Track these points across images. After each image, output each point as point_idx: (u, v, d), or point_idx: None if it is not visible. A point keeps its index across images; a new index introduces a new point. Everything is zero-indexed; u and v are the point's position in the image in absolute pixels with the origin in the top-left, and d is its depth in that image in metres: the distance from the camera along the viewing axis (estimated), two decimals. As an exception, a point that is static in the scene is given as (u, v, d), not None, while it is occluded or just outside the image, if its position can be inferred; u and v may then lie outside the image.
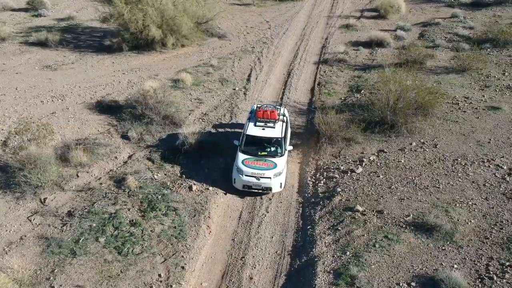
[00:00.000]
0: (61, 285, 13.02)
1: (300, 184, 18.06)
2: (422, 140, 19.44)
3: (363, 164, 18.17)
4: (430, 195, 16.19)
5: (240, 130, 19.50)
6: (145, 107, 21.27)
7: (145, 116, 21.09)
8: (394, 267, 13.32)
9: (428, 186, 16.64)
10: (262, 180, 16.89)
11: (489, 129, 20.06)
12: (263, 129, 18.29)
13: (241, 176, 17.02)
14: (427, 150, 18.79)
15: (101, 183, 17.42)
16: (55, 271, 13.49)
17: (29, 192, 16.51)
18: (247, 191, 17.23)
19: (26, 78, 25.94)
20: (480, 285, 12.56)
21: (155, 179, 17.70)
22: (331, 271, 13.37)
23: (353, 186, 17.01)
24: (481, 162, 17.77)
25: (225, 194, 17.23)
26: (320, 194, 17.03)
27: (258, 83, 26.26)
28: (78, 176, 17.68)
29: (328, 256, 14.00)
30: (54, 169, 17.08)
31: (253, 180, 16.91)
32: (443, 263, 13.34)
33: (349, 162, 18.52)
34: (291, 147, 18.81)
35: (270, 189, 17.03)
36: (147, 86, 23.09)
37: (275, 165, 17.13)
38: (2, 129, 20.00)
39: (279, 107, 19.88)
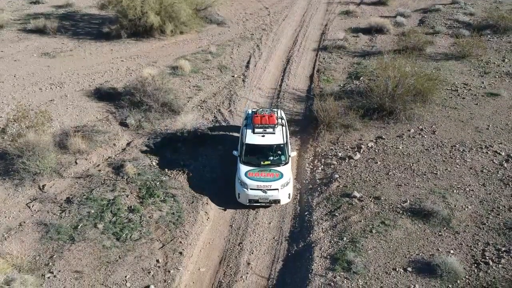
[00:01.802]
0: (59, 271, 13.13)
1: (298, 170, 18.08)
2: (420, 127, 19.44)
3: (361, 151, 18.19)
4: (428, 181, 16.23)
5: (238, 125, 19.36)
6: (144, 94, 21.24)
7: (143, 103, 21.07)
8: (390, 253, 13.40)
9: (425, 172, 16.68)
10: (269, 193, 15.65)
11: (487, 115, 20.04)
12: (263, 136, 16.99)
13: (245, 190, 15.70)
14: (425, 136, 18.79)
15: (99, 170, 17.47)
16: (54, 257, 13.60)
17: (28, 179, 16.57)
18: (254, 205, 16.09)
19: (25, 66, 25.88)
20: (476, 270, 12.65)
21: (154, 166, 17.74)
22: (328, 256, 13.46)
23: (351, 173, 17.05)
24: (479, 148, 17.78)
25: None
26: (318, 181, 17.07)
27: (257, 70, 26.18)
28: (76, 163, 17.73)
29: (325, 241, 14.08)
30: (53, 156, 17.12)
31: (260, 193, 15.64)
32: (439, 249, 13.42)
33: (347, 149, 18.54)
34: (294, 153, 17.60)
35: (279, 201, 15.84)
36: (145, 73, 23.10)
37: (281, 175, 15.93)
38: (1, 117, 20.04)
39: (275, 110, 18.73)
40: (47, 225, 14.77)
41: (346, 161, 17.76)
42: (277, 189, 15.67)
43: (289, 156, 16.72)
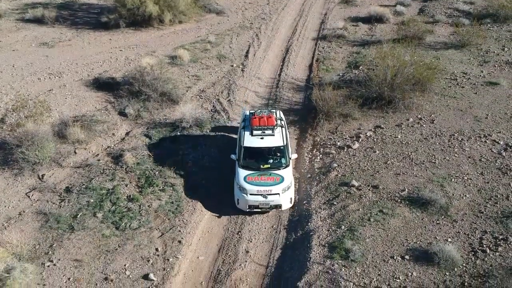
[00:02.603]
0: (59, 259, 13.22)
1: (297, 160, 18.11)
2: (419, 116, 19.43)
3: (360, 140, 18.21)
4: (426, 170, 16.27)
5: (238, 117, 19.33)
6: (142, 84, 21.21)
7: (142, 93, 21.05)
8: (388, 241, 13.47)
9: (424, 161, 16.70)
10: (269, 198, 14.95)
11: (486, 104, 20.02)
12: (262, 138, 16.24)
13: (245, 195, 14.99)
14: (424, 125, 18.79)
15: (98, 160, 17.50)
16: (54, 245, 13.68)
17: (27, 168, 16.61)
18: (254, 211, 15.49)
19: (23, 55, 25.80)
20: (473, 258, 12.71)
21: (152, 155, 17.76)
22: (326, 245, 13.53)
23: (349, 162, 17.08)
24: (477, 137, 17.79)
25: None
26: (316, 170, 17.11)
27: (256, 60, 26.11)
28: (75, 152, 17.76)
29: (323, 230, 14.15)
30: (52, 146, 17.15)
31: (260, 198, 14.95)
32: (437, 237, 13.49)
33: (345, 138, 18.56)
34: (295, 155, 16.85)
35: (280, 206, 15.14)
36: (144, 62, 23.05)
37: (282, 179, 15.26)
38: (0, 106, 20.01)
39: (274, 111, 17.94)
40: (46, 214, 14.85)
41: (345, 150, 17.78)
42: (278, 193, 14.99)
43: (290, 158, 16.07)
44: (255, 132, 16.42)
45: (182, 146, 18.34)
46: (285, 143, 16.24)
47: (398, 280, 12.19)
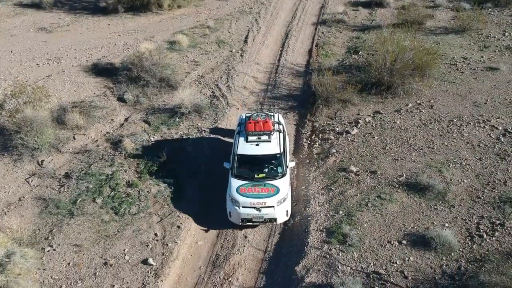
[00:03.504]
0: (59, 245, 13.33)
1: (295, 145, 18.14)
2: (418, 101, 19.40)
3: (359, 126, 18.20)
4: (424, 155, 16.29)
5: (236, 102, 19.28)
6: (141, 69, 21.13)
7: (141, 79, 20.99)
8: (386, 226, 13.55)
9: (422, 146, 16.72)
10: (264, 211, 13.91)
11: (486, 90, 19.96)
12: (257, 145, 15.14)
13: (237, 208, 13.95)
14: (423, 111, 18.77)
15: (97, 145, 17.54)
16: (54, 231, 13.80)
17: (27, 154, 16.67)
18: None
19: (21, 41, 25.71)
20: (470, 243, 12.80)
21: (152, 141, 17.79)
22: (324, 230, 13.62)
23: (348, 147, 17.10)
24: (476, 123, 17.78)
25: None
26: (315, 155, 17.14)
27: (255, 45, 25.98)
28: (74, 138, 17.79)
29: (321, 215, 14.23)
30: (51, 132, 17.18)
31: (253, 211, 13.90)
32: (434, 222, 13.56)
33: (344, 124, 18.54)
34: (293, 163, 15.82)
35: (275, 220, 14.09)
36: (142, 48, 22.93)
37: (277, 190, 14.15)
38: (-2, 92, 19.99)
39: (272, 114, 16.99)
40: (46, 200, 14.94)
41: (344, 135, 17.79)
42: (273, 206, 13.91)
43: (287, 167, 14.98)
44: (250, 138, 15.31)
45: (181, 131, 18.35)
46: (282, 151, 15.08)
47: (395, 265, 12.29)
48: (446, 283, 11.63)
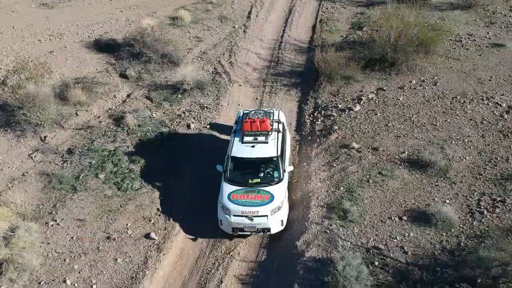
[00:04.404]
0: (62, 219, 13.49)
1: (298, 122, 18.12)
2: (422, 78, 19.25)
3: (361, 102, 18.11)
4: (427, 132, 16.24)
5: (239, 79, 19.21)
6: (143, 45, 21.02)
7: (143, 55, 20.88)
8: (386, 202, 13.60)
9: (425, 123, 16.65)
10: (256, 220, 12.87)
11: (491, 66, 19.76)
12: (253, 146, 14.01)
13: (228, 217, 12.94)
14: (426, 88, 18.64)
15: (100, 122, 17.59)
16: (57, 205, 13.94)
17: (29, 130, 16.74)
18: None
19: (23, 16, 25.52)
20: (470, 219, 12.84)
21: (154, 117, 17.81)
22: (325, 205, 13.69)
23: (350, 124, 17.06)
24: (480, 100, 17.65)
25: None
26: (317, 132, 17.12)
27: (258, 21, 25.73)
28: (77, 114, 17.81)
29: (322, 191, 14.28)
30: (53, 108, 17.20)
31: (245, 221, 12.85)
32: (435, 198, 13.59)
33: (347, 100, 18.47)
34: (291, 168, 14.71)
35: (269, 230, 13.04)
36: (144, 24, 22.77)
37: (272, 197, 13.08)
38: (0, 68, 19.92)
39: (272, 111, 15.54)
40: (49, 175, 15.06)
41: (346, 112, 17.73)
42: (266, 216, 12.88)
43: (284, 171, 13.86)
44: (245, 139, 14.21)
45: (183, 108, 18.33)
46: (279, 153, 13.91)
47: (395, 240, 12.37)
48: (446, 259, 11.71)
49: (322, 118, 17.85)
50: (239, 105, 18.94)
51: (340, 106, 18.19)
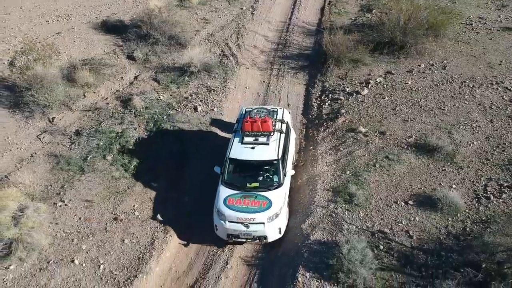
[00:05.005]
0: (70, 200, 13.63)
1: (305, 105, 18.06)
2: (431, 62, 19.06)
3: (369, 86, 18.00)
4: (435, 117, 16.13)
5: (246, 61, 19.14)
6: (150, 27, 20.97)
7: (150, 36, 20.84)
8: (393, 186, 13.59)
9: (433, 108, 16.54)
10: (252, 227, 12.23)
11: (501, 50, 19.51)
12: (252, 148, 13.24)
13: (223, 222, 12.32)
14: (435, 72, 18.47)
15: (107, 103, 17.63)
16: (65, 186, 14.08)
17: (38, 111, 16.82)
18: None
19: (30, -4, 25.50)
20: (476, 205, 12.81)
21: (161, 99, 17.83)
22: (331, 189, 13.71)
23: (358, 108, 16.98)
24: (489, 84, 17.47)
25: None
26: (324, 116, 17.07)
27: (266, 2, 25.53)
28: (85, 96, 17.87)
29: (329, 175, 14.30)
30: (61, 89, 17.25)
31: (241, 227, 12.24)
32: (441, 183, 13.55)
33: (355, 84, 18.36)
34: (293, 172, 13.85)
35: (265, 238, 12.41)
36: (152, 5, 22.65)
37: (269, 204, 12.36)
38: (8, 49, 19.97)
39: (275, 110, 14.72)
40: (57, 157, 15.17)
41: (354, 96, 17.64)
42: (263, 223, 12.22)
43: (285, 176, 13.08)
44: (245, 139, 13.47)
45: (190, 90, 18.31)
46: (280, 156, 13.11)
47: (400, 225, 12.39)
48: (451, 243, 11.72)
49: (329, 101, 17.79)
50: (246, 87, 18.91)
51: (347, 89, 18.10)
